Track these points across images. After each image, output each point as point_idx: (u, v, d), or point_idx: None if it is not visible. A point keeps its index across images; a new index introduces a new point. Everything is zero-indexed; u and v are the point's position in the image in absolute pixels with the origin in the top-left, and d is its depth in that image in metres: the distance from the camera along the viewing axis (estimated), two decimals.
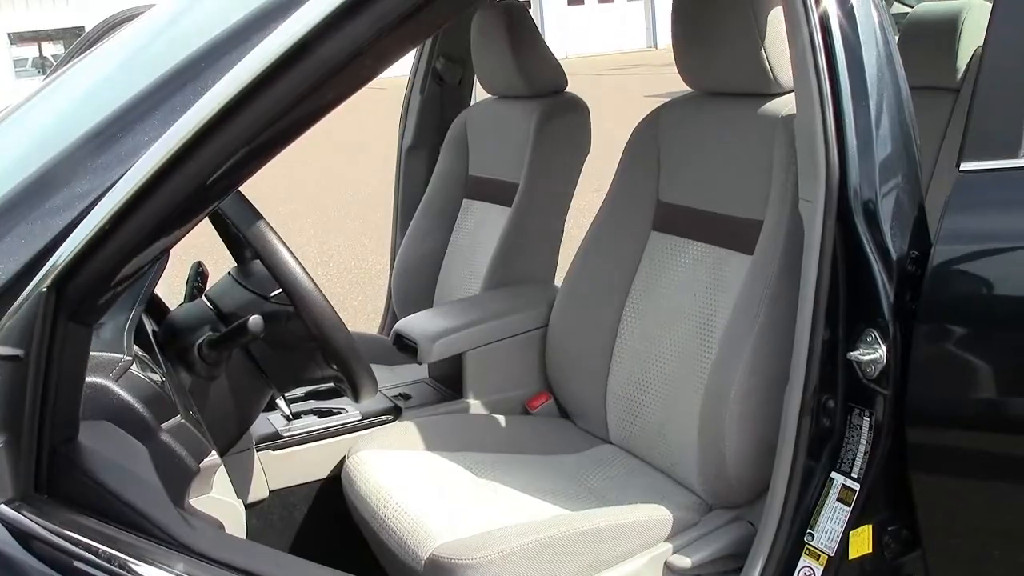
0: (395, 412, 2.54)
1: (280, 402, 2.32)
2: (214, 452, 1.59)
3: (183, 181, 1.18)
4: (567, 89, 2.93)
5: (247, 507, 2.28)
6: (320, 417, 2.49)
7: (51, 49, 30.58)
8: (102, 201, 1.17)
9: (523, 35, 2.80)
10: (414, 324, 2.62)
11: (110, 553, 1.19)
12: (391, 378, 2.79)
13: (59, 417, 1.22)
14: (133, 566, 1.20)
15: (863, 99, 1.73)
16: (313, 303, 1.82)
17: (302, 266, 1.82)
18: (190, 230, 1.25)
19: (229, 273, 2.07)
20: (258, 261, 1.98)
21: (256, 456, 2.32)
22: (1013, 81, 1.71)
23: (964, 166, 1.72)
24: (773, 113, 2.06)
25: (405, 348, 2.58)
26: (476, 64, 3.01)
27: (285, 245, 1.82)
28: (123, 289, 1.26)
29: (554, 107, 2.84)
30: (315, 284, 1.83)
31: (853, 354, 1.72)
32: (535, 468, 2.30)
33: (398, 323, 2.66)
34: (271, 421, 2.42)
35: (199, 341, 1.85)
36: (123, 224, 1.17)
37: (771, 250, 1.97)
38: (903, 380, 1.72)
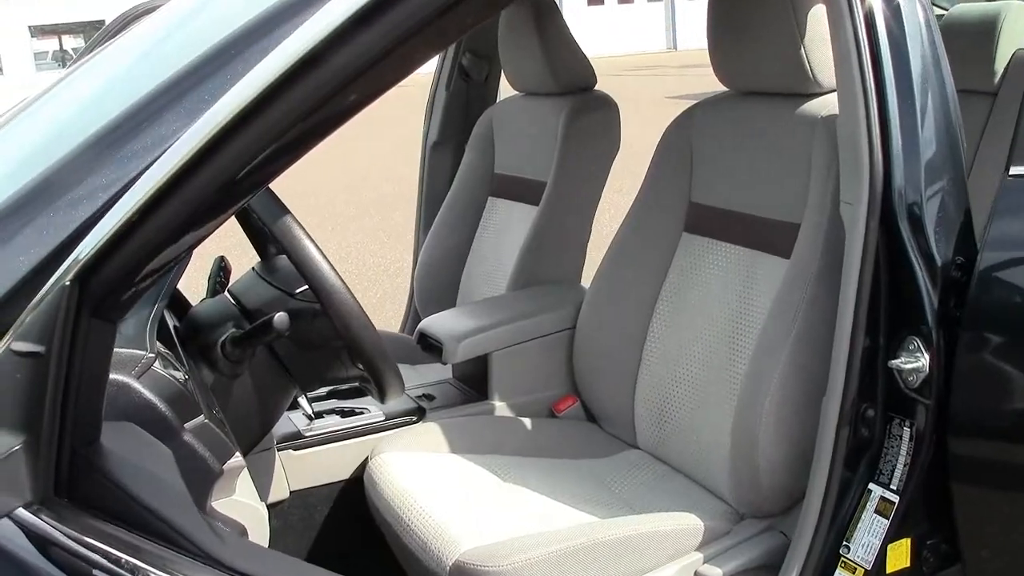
0: (419, 413, 2.50)
1: (302, 401, 2.28)
2: (238, 453, 1.55)
3: (213, 174, 1.14)
4: None
5: (267, 507, 2.24)
6: (343, 417, 2.44)
7: (71, 43, 30.72)
8: (129, 191, 1.13)
9: (552, 31, 2.75)
10: (439, 323, 2.57)
11: (133, 563, 1.14)
12: (414, 378, 2.74)
13: (81, 417, 1.18)
14: None
15: (908, 98, 1.68)
16: (341, 301, 1.77)
17: (329, 263, 1.78)
18: (220, 224, 1.21)
19: (253, 268, 2.03)
20: (283, 256, 1.94)
21: (277, 456, 2.28)
22: None
23: (1014, 170, 1.68)
24: (812, 113, 2.01)
25: (430, 348, 2.54)
26: (504, 60, 2.96)
27: (312, 241, 1.78)
28: (150, 284, 1.21)
29: (583, 104, 2.79)
30: (343, 281, 1.78)
31: (894, 362, 1.68)
32: (562, 472, 2.25)
33: (422, 322, 2.62)
34: (293, 420, 2.38)
35: (222, 338, 1.81)
36: (151, 216, 1.13)
37: (809, 254, 1.92)
38: (946, 390, 1.67)
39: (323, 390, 2.52)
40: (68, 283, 1.12)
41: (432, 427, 2.34)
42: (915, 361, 1.66)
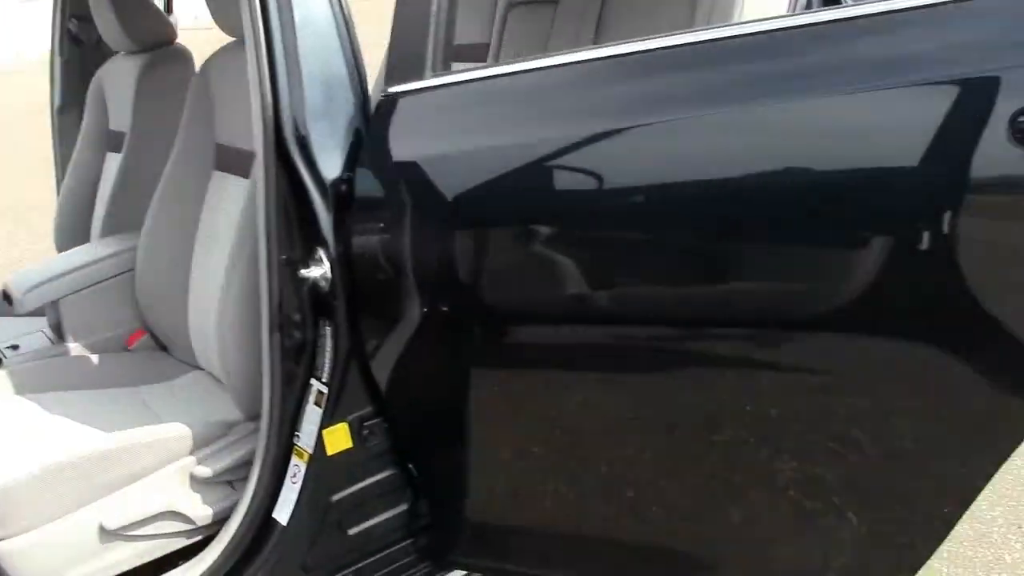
0: None
1: None
2: None
3: None
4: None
5: None
6: None
7: None
8: None
9: None
10: (15, 276, 2.75)
11: None
12: (16, 328, 2.91)
13: None
14: None
15: (292, 45, 1.90)
16: None
17: None
18: None
19: None
20: None
21: None
22: (419, 7, 1.89)
23: (388, 88, 1.90)
24: None
25: (9, 300, 2.71)
26: (96, 23, 3.10)
27: None
28: None
29: (155, 59, 2.97)
30: None
31: (305, 272, 1.91)
32: (111, 401, 2.44)
33: (7, 277, 2.79)
34: None
35: None
36: None
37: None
38: (353, 289, 1.92)
39: None
40: None
41: (1, 375, 2.52)
42: (321, 268, 1.90)
